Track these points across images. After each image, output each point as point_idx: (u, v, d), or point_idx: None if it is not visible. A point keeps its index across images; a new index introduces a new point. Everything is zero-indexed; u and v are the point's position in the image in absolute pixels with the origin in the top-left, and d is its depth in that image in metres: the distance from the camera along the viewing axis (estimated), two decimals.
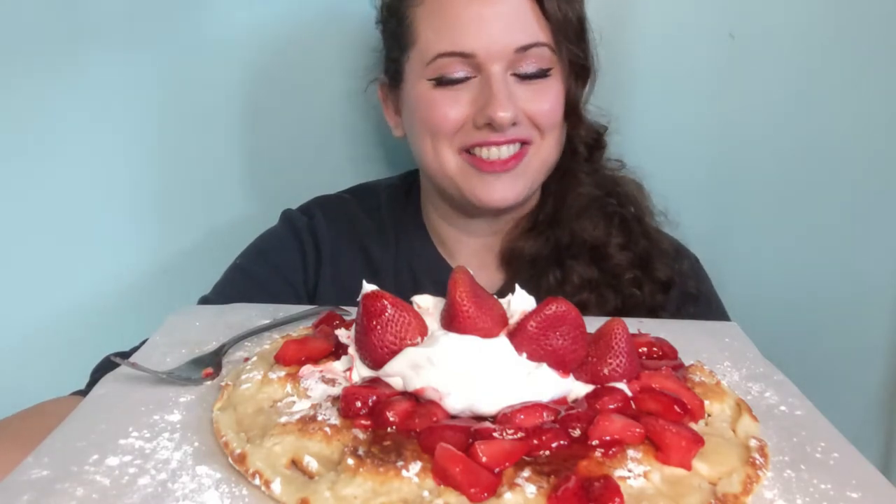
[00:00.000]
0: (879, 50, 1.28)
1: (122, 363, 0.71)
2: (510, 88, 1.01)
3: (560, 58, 1.03)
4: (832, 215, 1.34)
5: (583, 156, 1.12)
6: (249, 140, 1.34)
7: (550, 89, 1.04)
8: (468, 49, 0.99)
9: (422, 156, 1.08)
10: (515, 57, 1.00)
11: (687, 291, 1.12)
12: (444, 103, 1.02)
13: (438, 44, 1.01)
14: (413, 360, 0.64)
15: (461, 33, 0.99)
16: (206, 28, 1.27)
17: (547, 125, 1.04)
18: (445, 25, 1.01)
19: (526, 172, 1.06)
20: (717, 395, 0.69)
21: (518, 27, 1.00)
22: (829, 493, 0.57)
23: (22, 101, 1.21)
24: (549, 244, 1.10)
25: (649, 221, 1.14)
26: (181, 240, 1.33)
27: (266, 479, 0.54)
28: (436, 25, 1.02)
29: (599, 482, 0.52)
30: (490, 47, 0.99)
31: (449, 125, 1.03)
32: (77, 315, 1.28)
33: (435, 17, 1.02)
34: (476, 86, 1.02)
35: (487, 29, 0.99)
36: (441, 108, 1.03)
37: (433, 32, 1.02)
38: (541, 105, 1.03)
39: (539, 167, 1.07)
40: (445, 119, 1.02)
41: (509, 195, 1.05)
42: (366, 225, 1.19)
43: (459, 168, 1.05)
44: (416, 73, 1.05)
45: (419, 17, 1.03)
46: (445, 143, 1.04)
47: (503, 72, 1.00)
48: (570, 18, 1.01)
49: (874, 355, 1.37)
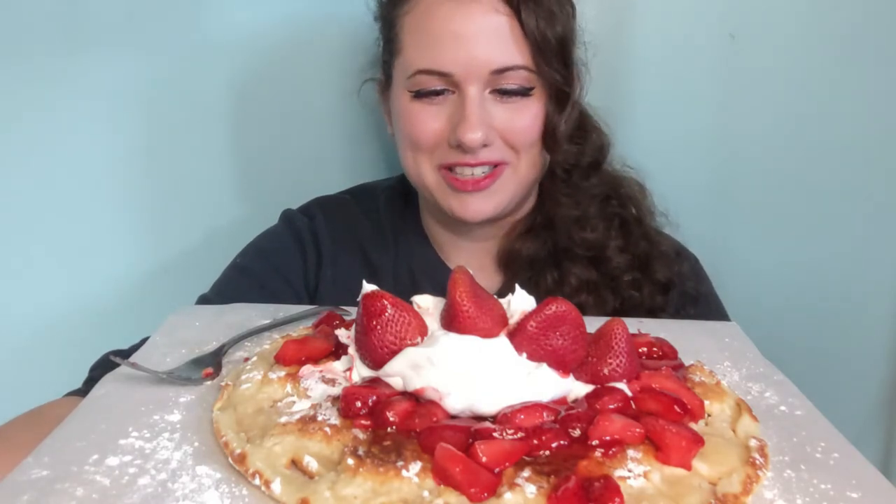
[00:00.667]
0: (880, 50, 1.28)
1: (121, 363, 0.71)
2: (487, 108, 1.00)
3: (541, 79, 1.02)
4: (832, 215, 1.34)
5: (560, 178, 1.10)
6: (248, 140, 1.34)
7: (528, 109, 1.02)
8: (445, 69, 0.99)
9: (405, 165, 1.10)
10: (493, 77, 1.00)
11: (686, 292, 1.12)
12: (423, 117, 1.03)
13: (418, 60, 1.01)
14: (413, 360, 0.64)
15: (439, 52, 0.99)
16: (203, 29, 1.27)
17: (522, 145, 1.03)
18: (425, 42, 1.01)
19: (501, 191, 1.05)
20: (717, 395, 0.69)
21: (497, 48, 0.99)
22: (829, 493, 0.57)
23: (20, 102, 1.21)
24: (546, 246, 1.10)
25: (650, 222, 1.14)
26: (180, 240, 1.33)
27: (266, 479, 0.54)
28: (417, 40, 1.02)
29: (599, 482, 0.52)
30: (467, 66, 0.98)
31: (427, 141, 1.03)
32: (76, 315, 1.28)
33: (417, 32, 1.02)
34: (453, 102, 1.01)
35: (465, 49, 0.98)
36: (420, 122, 1.03)
37: (415, 47, 1.02)
38: (515, 124, 1.02)
39: (516, 186, 1.07)
40: (424, 135, 1.03)
41: (484, 211, 1.05)
42: (365, 226, 1.19)
43: (437, 183, 1.06)
44: (399, 83, 1.05)
45: (405, 27, 1.04)
46: (425, 158, 1.05)
47: (480, 91, 1.00)
48: (549, 39, 0.99)
49: (874, 355, 1.37)
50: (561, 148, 1.06)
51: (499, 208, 1.07)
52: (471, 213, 1.05)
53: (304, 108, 1.34)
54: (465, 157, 1.02)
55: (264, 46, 1.30)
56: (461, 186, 1.04)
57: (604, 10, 1.13)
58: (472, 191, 1.04)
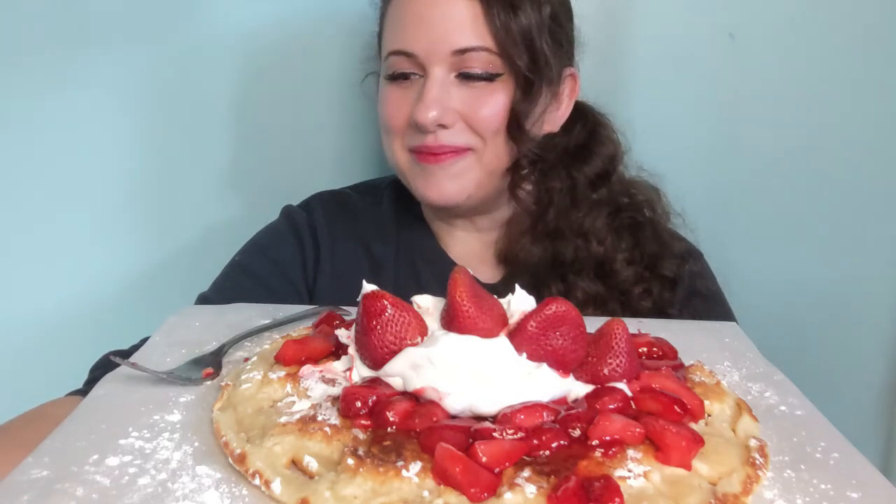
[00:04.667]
0: (880, 50, 1.28)
1: (121, 363, 0.71)
2: (449, 90, 1.02)
3: (508, 66, 1.02)
4: (832, 215, 1.34)
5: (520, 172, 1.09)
6: (248, 138, 1.34)
7: (493, 95, 1.03)
8: (409, 48, 1.02)
9: (385, 151, 1.12)
10: (456, 59, 1.01)
11: (696, 290, 1.12)
12: (394, 101, 1.06)
13: (391, 42, 1.05)
14: (413, 360, 0.64)
15: (406, 33, 1.03)
16: (201, 27, 1.27)
17: (485, 131, 1.04)
18: (395, 25, 1.05)
19: (465, 175, 1.06)
20: (717, 395, 0.69)
21: (458, 30, 1.00)
22: (829, 493, 0.57)
23: (19, 102, 1.21)
24: (548, 254, 1.10)
25: (665, 224, 1.14)
26: (180, 238, 1.33)
27: (266, 479, 0.54)
28: (393, 25, 1.06)
29: (599, 482, 0.52)
30: (428, 47, 1.01)
31: (396, 124, 1.06)
32: (76, 315, 1.28)
33: (394, 17, 1.06)
34: (421, 85, 1.03)
35: (427, 30, 1.01)
36: (391, 106, 1.07)
37: (391, 31, 1.06)
38: (479, 109, 1.03)
39: (481, 174, 1.07)
40: (394, 118, 1.06)
41: (448, 192, 1.06)
42: (367, 220, 1.19)
43: (407, 165, 1.09)
44: (382, 69, 1.09)
45: (388, 14, 1.08)
46: (397, 141, 1.08)
47: (444, 73, 1.02)
48: (511, 29, 1.00)
49: (874, 355, 1.37)
50: (526, 138, 1.05)
51: (464, 193, 1.07)
52: (435, 194, 1.06)
53: (305, 106, 1.34)
54: (426, 140, 1.03)
55: (264, 44, 1.30)
56: (423, 159, 1.05)
57: (603, 10, 1.13)
58: (433, 164, 1.05)
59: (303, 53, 1.32)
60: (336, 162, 1.37)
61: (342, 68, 1.28)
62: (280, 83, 1.33)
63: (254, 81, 1.32)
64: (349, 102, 1.32)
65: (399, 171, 1.11)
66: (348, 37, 1.28)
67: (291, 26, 1.31)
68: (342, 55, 1.29)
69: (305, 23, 1.31)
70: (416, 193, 1.10)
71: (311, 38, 1.32)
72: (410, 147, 1.06)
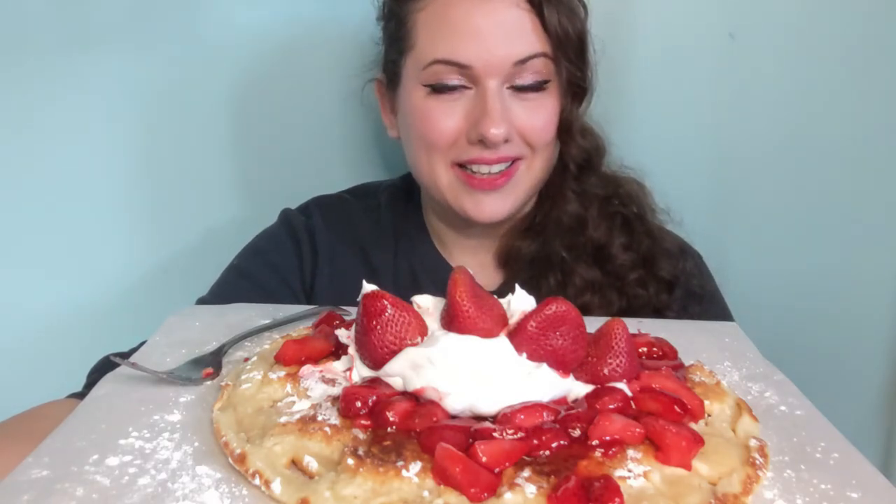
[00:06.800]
0: (880, 50, 1.28)
1: (122, 363, 0.71)
2: (505, 103, 1.00)
3: (558, 72, 1.02)
4: (832, 215, 1.34)
5: (572, 174, 1.10)
6: (248, 140, 1.34)
7: (545, 105, 1.03)
8: (465, 60, 0.98)
9: (416, 165, 1.09)
10: (513, 70, 0.99)
11: (692, 290, 1.12)
12: (439, 115, 1.01)
13: (435, 50, 1.00)
14: (413, 360, 0.64)
15: (459, 43, 0.98)
16: (201, 28, 1.27)
17: (538, 142, 1.04)
18: (443, 33, 1.00)
19: (515, 189, 1.06)
20: (717, 395, 0.69)
21: (517, 39, 0.99)
22: (829, 493, 0.57)
23: (18, 102, 1.21)
24: (546, 247, 1.10)
25: (652, 219, 1.14)
26: (180, 241, 1.33)
27: (266, 479, 0.54)
28: (434, 32, 1.01)
29: (599, 482, 0.52)
30: (488, 60, 0.98)
31: (443, 139, 1.02)
32: (76, 315, 1.28)
33: (434, 24, 1.01)
34: (471, 98, 1.01)
35: (486, 41, 0.98)
36: (435, 120, 1.02)
37: (431, 38, 1.01)
38: (534, 121, 1.02)
39: (529, 184, 1.07)
40: (440, 133, 1.02)
41: (498, 211, 1.05)
42: (365, 225, 1.19)
43: (450, 183, 1.05)
44: (412, 79, 1.04)
45: (419, 22, 1.02)
46: (439, 157, 1.04)
47: (499, 86, 1.00)
48: (570, 34, 1.00)
49: (874, 355, 1.37)
50: (576, 142, 1.06)
51: (513, 208, 1.07)
52: (486, 214, 1.05)
53: (304, 109, 1.34)
54: (485, 154, 1.01)
55: (264, 47, 1.30)
56: (477, 185, 1.03)
57: (603, 10, 1.13)
58: (488, 190, 1.03)
59: (303, 57, 1.32)
60: (335, 165, 1.37)
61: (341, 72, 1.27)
62: (280, 87, 1.33)
63: (254, 85, 1.32)
64: (348, 106, 1.31)
65: (436, 188, 1.06)
66: (347, 41, 1.28)
67: (291, 29, 1.30)
68: (341, 59, 1.29)
69: (305, 26, 1.31)
70: (460, 212, 1.06)
71: (311, 42, 1.31)
72: (460, 161, 1.03)
